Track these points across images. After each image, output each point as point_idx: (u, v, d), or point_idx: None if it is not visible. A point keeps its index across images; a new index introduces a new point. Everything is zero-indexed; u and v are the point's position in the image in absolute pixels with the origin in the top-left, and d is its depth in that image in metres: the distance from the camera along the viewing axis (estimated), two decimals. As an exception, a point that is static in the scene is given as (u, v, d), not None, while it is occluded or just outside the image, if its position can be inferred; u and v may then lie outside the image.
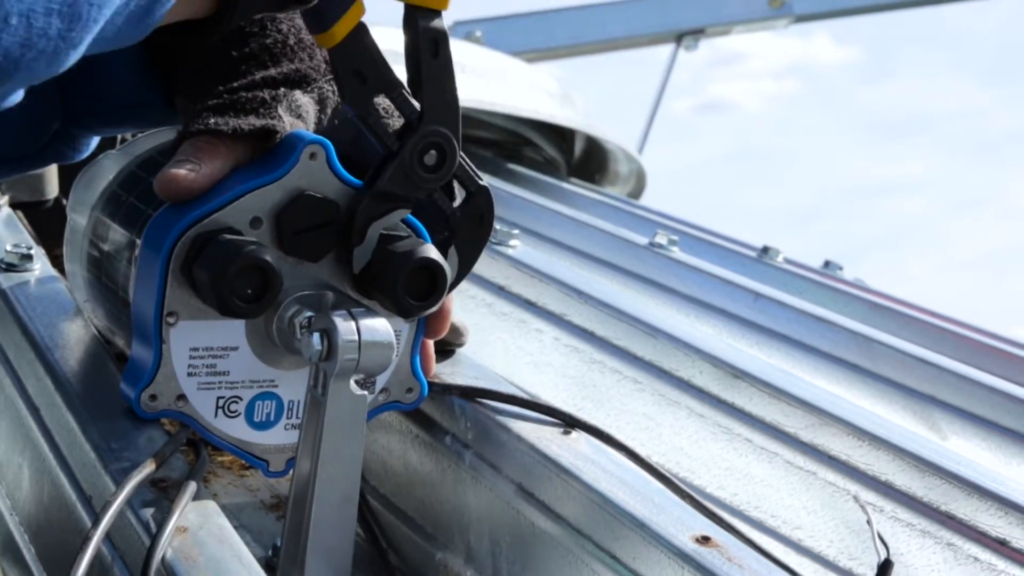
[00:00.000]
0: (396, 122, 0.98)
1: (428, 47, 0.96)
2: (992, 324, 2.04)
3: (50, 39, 0.78)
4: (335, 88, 1.02)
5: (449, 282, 0.98)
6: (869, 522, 0.88)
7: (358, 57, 0.96)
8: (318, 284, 0.97)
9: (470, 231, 1.02)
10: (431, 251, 0.96)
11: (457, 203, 1.01)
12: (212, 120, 0.97)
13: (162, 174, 0.96)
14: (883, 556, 0.86)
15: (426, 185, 0.98)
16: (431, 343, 1.06)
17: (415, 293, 0.96)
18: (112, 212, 1.06)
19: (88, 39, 0.80)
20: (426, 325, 1.03)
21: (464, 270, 1.03)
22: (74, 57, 0.81)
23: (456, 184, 1.02)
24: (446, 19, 0.99)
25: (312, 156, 0.95)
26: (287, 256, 0.95)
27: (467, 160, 1.01)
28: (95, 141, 1.19)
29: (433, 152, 0.97)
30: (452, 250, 1.01)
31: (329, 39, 0.94)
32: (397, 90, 0.97)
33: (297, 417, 0.99)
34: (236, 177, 0.96)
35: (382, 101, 0.97)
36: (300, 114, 1.00)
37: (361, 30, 0.95)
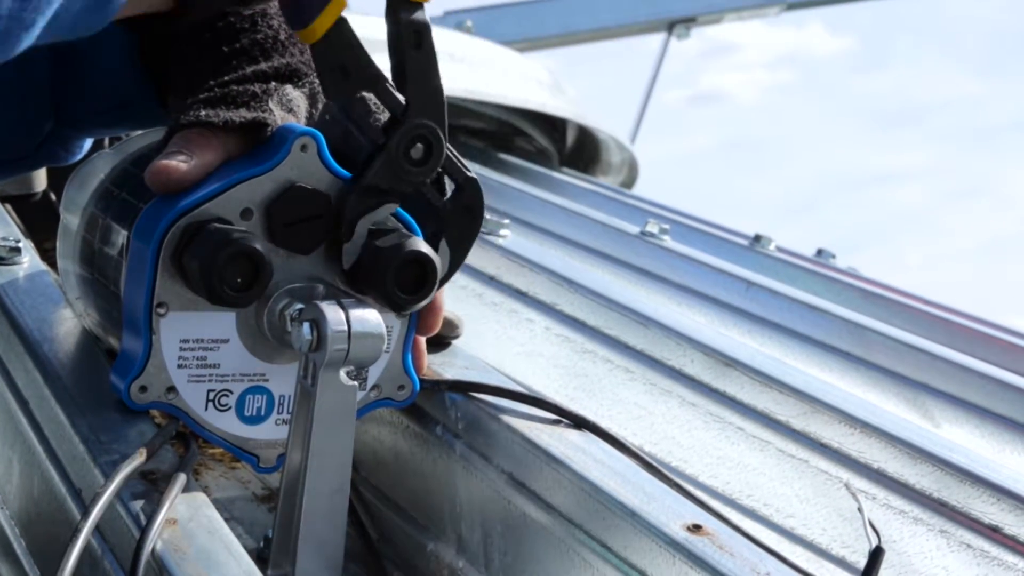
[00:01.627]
0: (383, 116, 0.98)
1: (411, 39, 0.96)
2: (988, 314, 2.04)
3: (0, 18, 0.78)
4: None
5: (440, 276, 0.98)
6: (860, 509, 0.88)
7: (340, 52, 0.95)
8: (309, 277, 0.97)
9: (460, 224, 1.01)
10: (420, 244, 0.96)
11: (447, 196, 1.01)
12: (203, 112, 0.97)
13: (153, 165, 0.95)
14: (874, 543, 0.86)
15: (413, 179, 0.97)
16: (423, 339, 1.05)
17: (405, 287, 0.96)
18: (104, 208, 1.06)
19: (41, 21, 0.80)
20: (419, 321, 1.03)
21: (455, 264, 1.02)
22: (27, 40, 0.81)
23: (446, 177, 1.01)
24: (437, 8, 0.99)
25: (303, 148, 0.95)
26: (278, 248, 0.95)
27: (454, 152, 1.00)
28: (88, 143, 1.19)
29: (419, 145, 0.97)
30: (443, 244, 1.01)
31: (310, 35, 0.94)
32: (381, 84, 0.96)
33: (288, 412, 0.99)
34: (227, 168, 0.96)
35: (369, 96, 0.97)
36: (291, 108, 0.99)
37: (342, 24, 0.94)
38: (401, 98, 0.96)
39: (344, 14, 0.94)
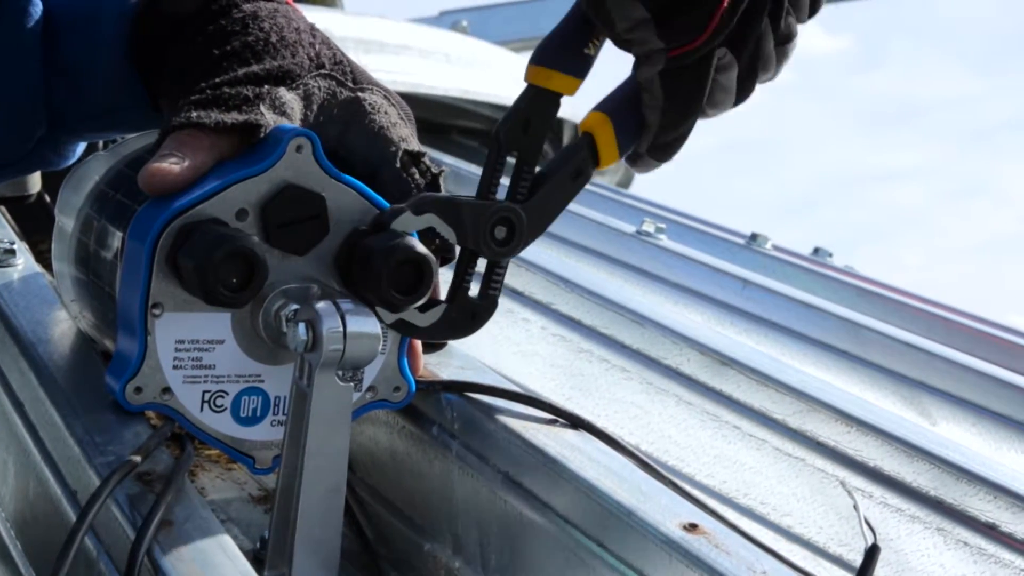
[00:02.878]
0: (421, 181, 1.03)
1: (573, 172, 1.03)
2: (985, 312, 2.04)
3: None
4: (321, 84, 1.02)
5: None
6: (856, 507, 0.88)
7: (537, 113, 1.02)
8: (304, 278, 0.97)
9: (460, 318, 1.04)
10: (416, 244, 0.96)
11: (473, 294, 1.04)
12: (195, 114, 0.97)
13: (146, 168, 0.95)
14: (870, 541, 0.86)
15: (481, 246, 1.02)
16: (418, 342, 1.05)
17: (401, 288, 0.96)
18: (99, 210, 1.06)
19: None
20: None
21: (429, 335, 1.04)
22: None
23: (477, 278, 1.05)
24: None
25: (298, 149, 0.95)
26: (273, 249, 0.95)
27: (503, 272, 1.05)
28: (80, 147, 1.18)
29: (505, 229, 1.02)
30: (441, 309, 1.03)
31: (540, 77, 1.01)
32: (528, 166, 1.02)
33: (283, 414, 0.99)
34: (222, 169, 0.96)
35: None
36: (284, 111, 0.99)
37: (557, 101, 1.02)
38: (527, 191, 1.02)
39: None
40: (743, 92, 1.05)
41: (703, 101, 1.02)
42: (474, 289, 1.05)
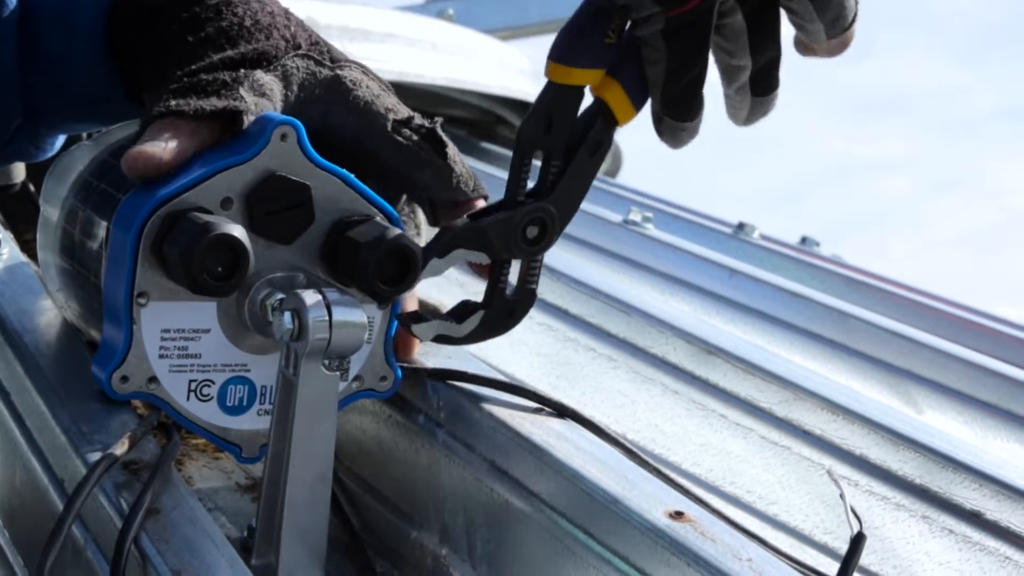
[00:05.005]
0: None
1: (592, 146, 1.02)
2: (972, 302, 2.04)
3: None
4: (299, 64, 1.02)
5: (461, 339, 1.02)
6: (842, 495, 0.88)
7: (561, 108, 1.01)
8: (290, 266, 0.97)
9: (497, 316, 1.05)
10: (401, 235, 0.96)
11: (509, 288, 1.05)
12: (174, 102, 0.97)
13: (128, 152, 0.95)
14: (855, 529, 0.86)
15: (513, 249, 1.03)
16: None
17: (387, 279, 0.96)
18: (84, 199, 1.06)
19: None
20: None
21: (471, 340, 1.05)
22: None
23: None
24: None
25: (283, 137, 0.95)
26: (258, 238, 0.95)
27: (541, 262, 1.05)
28: (60, 139, 1.18)
29: (537, 229, 1.03)
30: (476, 316, 1.04)
31: (563, 75, 1.00)
32: (553, 160, 1.02)
33: (270, 403, 0.99)
34: (206, 158, 0.96)
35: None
36: (264, 92, 0.99)
37: (579, 94, 1.01)
38: (551, 183, 1.02)
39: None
40: (761, 31, 1.03)
41: (707, 49, 1.01)
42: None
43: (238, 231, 0.91)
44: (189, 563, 0.82)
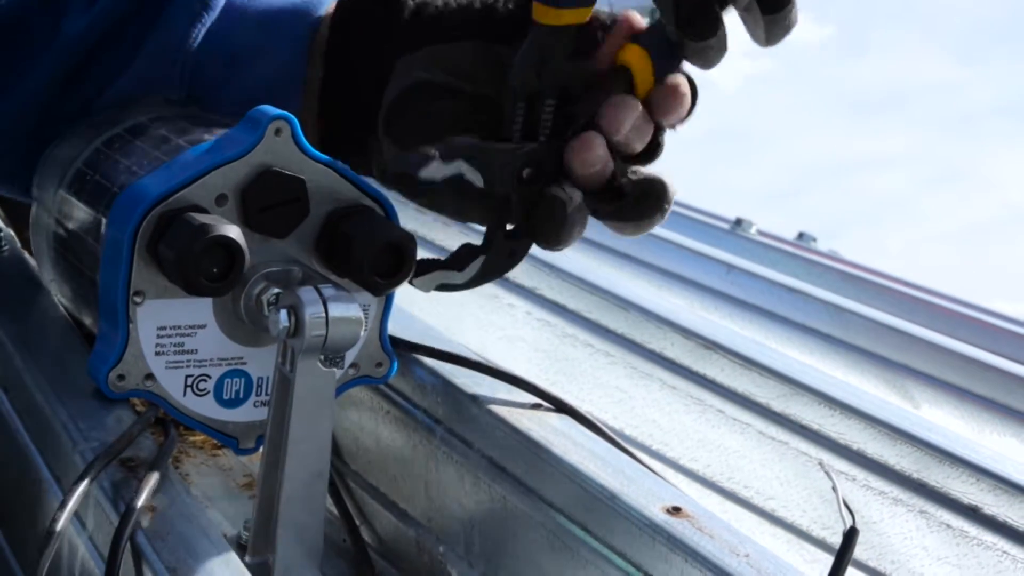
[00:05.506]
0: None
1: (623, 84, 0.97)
2: (969, 297, 2.04)
3: None
4: None
5: (461, 282, 0.99)
6: (835, 489, 0.88)
7: (553, 51, 0.97)
8: (285, 259, 0.97)
9: (499, 257, 1.01)
10: (395, 229, 0.96)
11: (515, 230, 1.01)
12: None
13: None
14: (849, 524, 0.86)
15: (511, 188, 0.98)
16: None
17: (382, 272, 0.96)
18: (77, 190, 1.06)
19: None
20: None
21: (472, 283, 1.01)
22: None
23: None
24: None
25: (277, 132, 0.95)
26: (253, 233, 0.95)
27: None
28: None
29: (532, 172, 0.98)
30: (477, 261, 1.01)
31: (551, 16, 0.96)
32: (553, 102, 0.98)
33: (266, 394, 0.99)
34: (201, 154, 0.95)
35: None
36: None
37: (571, 33, 0.97)
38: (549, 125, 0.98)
39: None
40: None
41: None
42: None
43: (234, 232, 0.91)
44: (185, 561, 0.81)
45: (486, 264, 1.00)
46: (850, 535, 0.84)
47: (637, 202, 1.01)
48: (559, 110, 0.99)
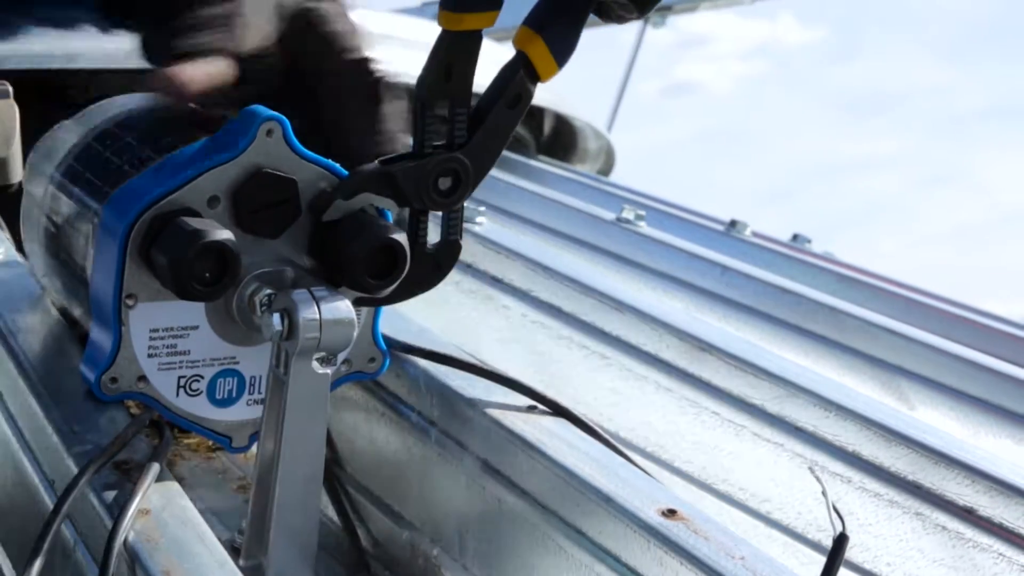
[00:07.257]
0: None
1: (511, 98, 0.99)
2: (963, 298, 2.04)
3: None
4: None
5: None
6: (824, 493, 0.87)
7: (458, 55, 0.97)
8: (277, 260, 0.96)
9: (422, 272, 0.99)
10: (389, 230, 0.95)
11: (429, 244, 0.99)
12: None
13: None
14: (838, 529, 0.85)
15: (425, 200, 0.97)
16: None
17: (375, 273, 0.96)
18: (69, 188, 1.06)
19: None
20: None
21: (393, 299, 1.00)
22: None
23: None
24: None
25: (268, 133, 0.95)
26: (245, 234, 0.95)
27: (463, 212, 1.00)
28: None
29: (450, 180, 0.97)
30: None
31: (454, 21, 0.96)
32: (461, 109, 0.97)
33: (259, 392, 0.99)
34: (193, 156, 0.95)
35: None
36: None
37: (477, 37, 0.97)
38: (465, 133, 0.97)
39: None
40: None
41: None
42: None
43: (226, 236, 0.91)
44: (179, 564, 0.81)
45: (409, 276, 0.98)
46: (839, 541, 0.84)
47: None
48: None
